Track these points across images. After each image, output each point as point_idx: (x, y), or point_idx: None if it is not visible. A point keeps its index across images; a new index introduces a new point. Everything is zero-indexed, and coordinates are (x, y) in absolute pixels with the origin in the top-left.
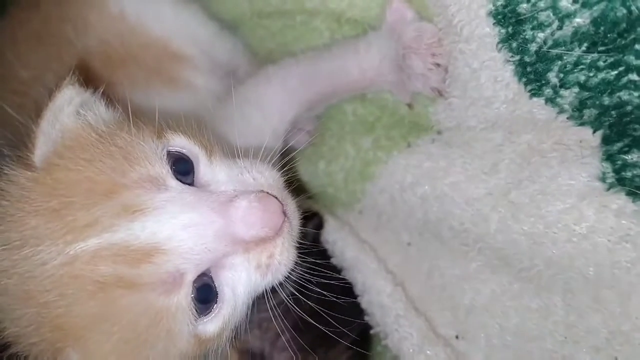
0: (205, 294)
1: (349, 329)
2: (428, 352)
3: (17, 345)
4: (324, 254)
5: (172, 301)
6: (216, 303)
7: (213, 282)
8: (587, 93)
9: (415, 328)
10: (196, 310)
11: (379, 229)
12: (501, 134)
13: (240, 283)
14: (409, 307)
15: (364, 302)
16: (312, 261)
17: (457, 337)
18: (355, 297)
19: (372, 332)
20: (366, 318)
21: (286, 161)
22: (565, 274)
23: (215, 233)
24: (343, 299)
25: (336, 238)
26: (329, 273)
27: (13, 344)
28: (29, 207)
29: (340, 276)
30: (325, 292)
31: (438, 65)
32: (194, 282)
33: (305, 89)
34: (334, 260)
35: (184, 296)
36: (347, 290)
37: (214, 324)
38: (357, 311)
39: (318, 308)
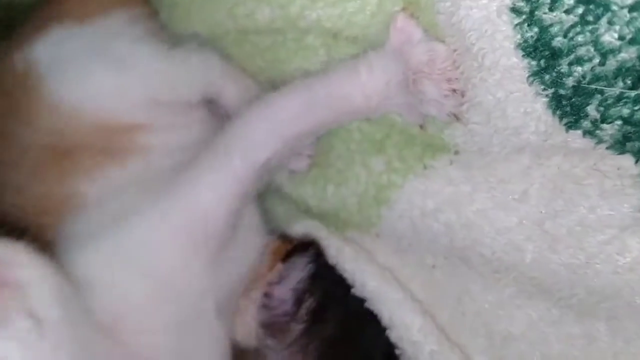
0: None
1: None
2: None
3: None
4: (342, 283)
5: None
6: None
7: None
8: (631, 127)
9: None
10: None
11: (398, 252)
12: (528, 157)
13: None
14: (442, 340)
15: (393, 336)
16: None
17: None
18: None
19: None
20: (397, 351)
21: None
22: (610, 302)
23: None
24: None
25: (354, 268)
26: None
27: None
28: None
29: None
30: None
31: (454, 90)
32: None
33: (299, 121)
34: (354, 291)
35: None
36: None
37: None
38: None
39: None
